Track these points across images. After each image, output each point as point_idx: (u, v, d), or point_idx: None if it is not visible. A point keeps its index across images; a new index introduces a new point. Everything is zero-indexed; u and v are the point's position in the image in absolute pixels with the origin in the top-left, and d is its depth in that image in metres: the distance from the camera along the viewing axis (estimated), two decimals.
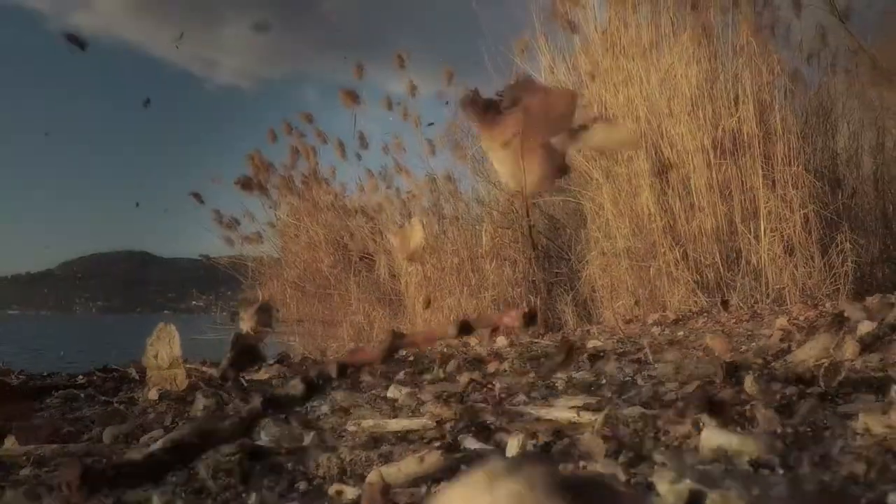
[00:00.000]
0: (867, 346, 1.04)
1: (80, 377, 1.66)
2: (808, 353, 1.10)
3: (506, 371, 1.25)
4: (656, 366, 1.12)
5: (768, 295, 4.41)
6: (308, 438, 0.84)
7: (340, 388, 1.27)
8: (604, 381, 1.05)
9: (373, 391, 1.12)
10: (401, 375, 1.33)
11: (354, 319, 6.65)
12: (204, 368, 1.09)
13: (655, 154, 4.90)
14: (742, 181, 4.70)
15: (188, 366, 1.12)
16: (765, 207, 4.57)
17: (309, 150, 7.36)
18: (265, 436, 0.88)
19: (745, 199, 4.67)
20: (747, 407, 0.83)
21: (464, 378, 1.14)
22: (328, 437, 0.89)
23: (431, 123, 6.91)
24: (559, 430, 0.77)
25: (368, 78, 6.83)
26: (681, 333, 2.51)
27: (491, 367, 1.24)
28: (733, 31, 4.88)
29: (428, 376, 1.32)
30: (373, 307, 6.60)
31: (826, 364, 0.92)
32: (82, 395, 1.20)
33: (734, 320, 3.14)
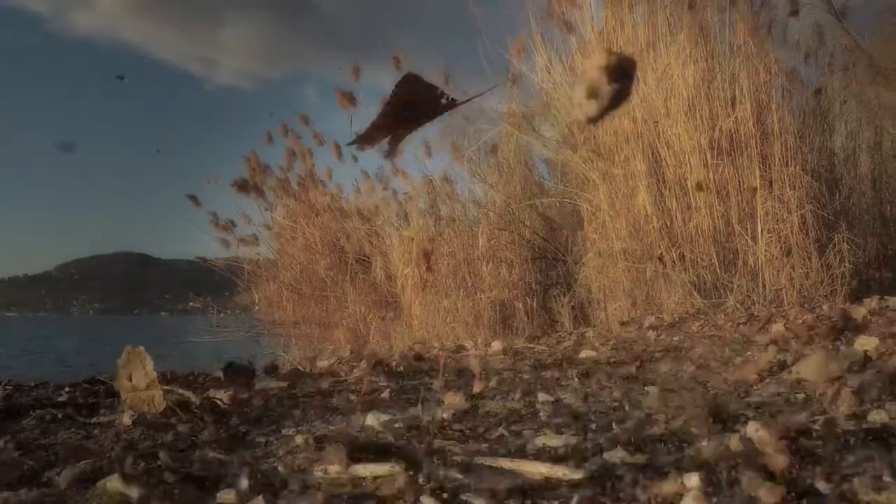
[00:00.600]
0: (864, 389, 0.97)
1: (67, 389, 1.62)
2: (804, 373, 1.06)
3: (492, 391, 1.21)
4: (646, 389, 1.07)
5: (765, 296, 4.38)
6: (258, 500, 0.79)
7: (325, 395, 1.23)
8: (590, 406, 1.00)
9: (353, 415, 1.07)
10: (385, 394, 1.28)
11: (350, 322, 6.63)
12: (181, 391, 1.04)
13: (652, 155, 4.87)
14: (739, 182, 4.68)
15: (165, 387, 1.07)
16: (762, 208, 4.54)
17: (305, 151, 7.34)
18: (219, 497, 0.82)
19: (742, 200, 4.65)
20: (736, 463, 0.78)
21: (448, 399, 1.10)
22: (291, 487, 0.84)
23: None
24: (529, 490, 0.72)
25: (367, 77, 6.79)
26: (676, 339, 2.48)
27: (477, 387, 1.19)
28: (730, 31, 4.86)
29: (412, 396, 1.28)
30: (369, 309, 6.57)
31: (822, 421, 0.87)
32: (60, 415, 1.15)
33: (730, 323, 3.11)
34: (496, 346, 2.36)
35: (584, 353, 1.76)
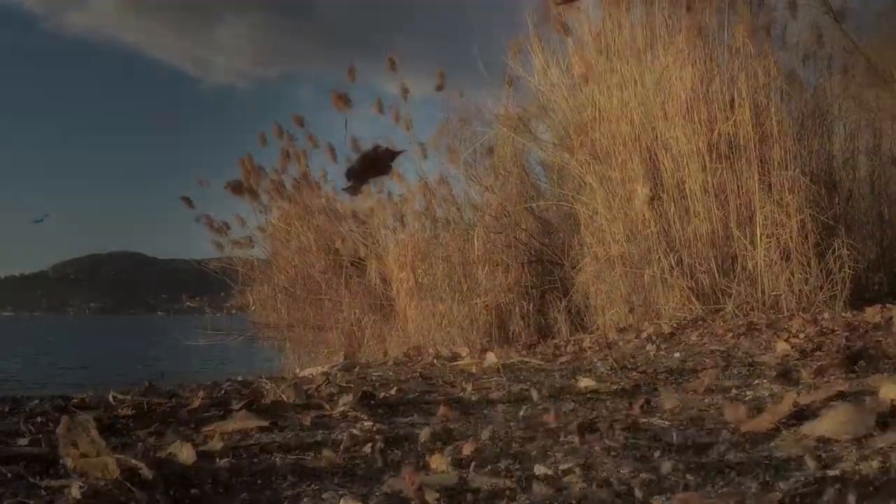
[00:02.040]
0: None
1: (39, 419, 1.52)
2: (827, 430, 0.99)
3: (483, 453, 1.09)
4: (657, 465, 0.96)
5: (764, 302, 4.33)
6: None
7: (302, 449, 1.13)
8: (594, 492, 0.86)
9: (326, 493, 0.95)
10: (367, 448, 1.17)
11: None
12: (133, 461, 0.94)
13: (650, 158, 4.82)
14: (738, 185, 4.63)
15: (118, 455, 0.97)
16: (760, 212, 4.49)
17: (300, 153, 7.28)
18: None
19: (740, 204, 4.60)
20: None
21: (433, 465, 0.99)
22: None
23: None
24: None
25: (364, 78, 6.72)
26: (677, 355, 2.41)
27: (467, 449, 1.08)
28: (729, 33, 4.81)
29: (396, 451, 1.17)
30: (364, 313, 6.51)
31: None
32: (10, 474, 1.04)
33: (730, 333, 3.05)
34: (491, 358, 2.30)
35: (583, 383, 1.69)
